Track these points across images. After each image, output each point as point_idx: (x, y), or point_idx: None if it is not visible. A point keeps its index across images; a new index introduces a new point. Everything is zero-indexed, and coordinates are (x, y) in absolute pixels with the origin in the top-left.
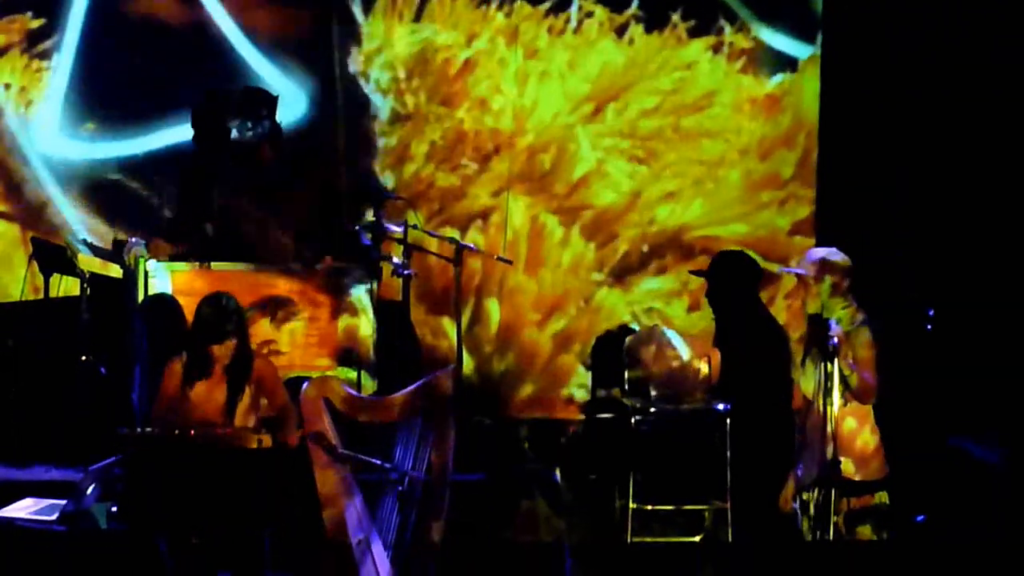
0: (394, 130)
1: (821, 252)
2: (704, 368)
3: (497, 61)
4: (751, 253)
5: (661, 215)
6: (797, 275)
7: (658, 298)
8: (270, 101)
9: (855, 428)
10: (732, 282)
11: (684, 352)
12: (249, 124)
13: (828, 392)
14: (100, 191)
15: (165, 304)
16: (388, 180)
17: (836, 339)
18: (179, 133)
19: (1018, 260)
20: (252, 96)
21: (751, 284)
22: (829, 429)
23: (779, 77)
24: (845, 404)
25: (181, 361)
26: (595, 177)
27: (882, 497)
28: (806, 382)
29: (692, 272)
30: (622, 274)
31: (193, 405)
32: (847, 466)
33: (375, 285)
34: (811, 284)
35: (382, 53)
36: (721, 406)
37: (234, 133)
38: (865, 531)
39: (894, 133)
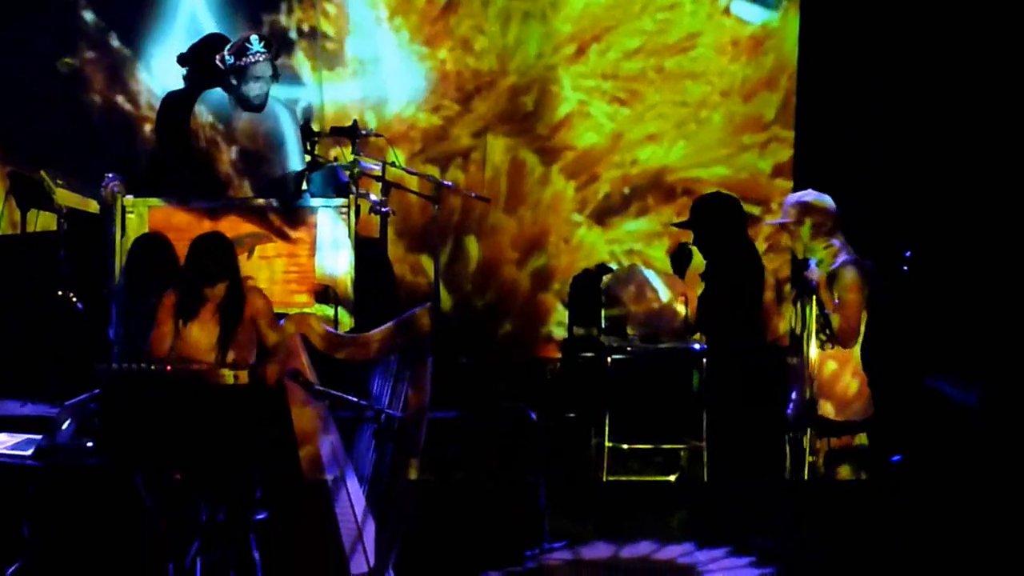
0: (376, 70)
1: (798, 195)
2: (682, 309)
3: (480, 1)
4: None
5: (643, 157)
6: (781, 224)
7: (639, 239)
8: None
9: (836, 370)
10: (717, 225)
11: (664, 293)
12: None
13: (806, 333)
14: None
15: (157, 244)
16: (370, 120)
17: (815, 280)
18: None
19: (996, 201)
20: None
21: (737, 223)
22: (807, 370)
23: (761, 18)
24: (822, 347)
25: (173, 298)
26: (577, 118)
27: (861, 438)
28: (795, 323)
29: (675, 225)
30: (603, 215)
31: (184, 342)
32: (826, 407)
33: (353, 222)
34: (792, 229)
35: None
36: (697, 346)
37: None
38: (844, 471)
39: (874, 75)
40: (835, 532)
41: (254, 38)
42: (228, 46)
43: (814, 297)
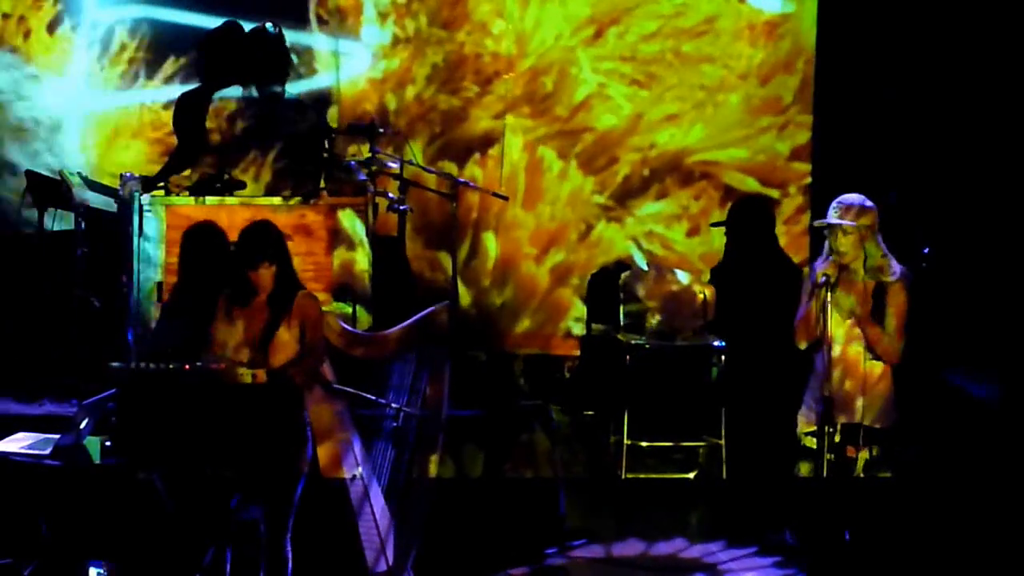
0: (395, 53)
1: (855, 198)
2: (701, 304)
3: None
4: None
5: (661, 139)
6: (838, 226)
7: (659, 222)
8: (278, 40)
9: (860, 352)
10: (753, 228)
11: (684, 277)
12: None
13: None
14: None
15: (210, 232)
16: (389, 103)
17: (826, 275)
18: None
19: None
20: (262, 36)
21: (770, 227)
22: (827, 367)
23: (779, 3)
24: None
25: (227, 291)
26: (596, 100)
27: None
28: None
29: (713, 225)
30: (622, 198)
31: (232, 335)
32: (856, 400)
33: (371, 219)
34: (852, 233)
35: None
36: (717, 343)
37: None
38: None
39: (894, 59)
40: (857, 529)
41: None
42: None
43: (826, 291)
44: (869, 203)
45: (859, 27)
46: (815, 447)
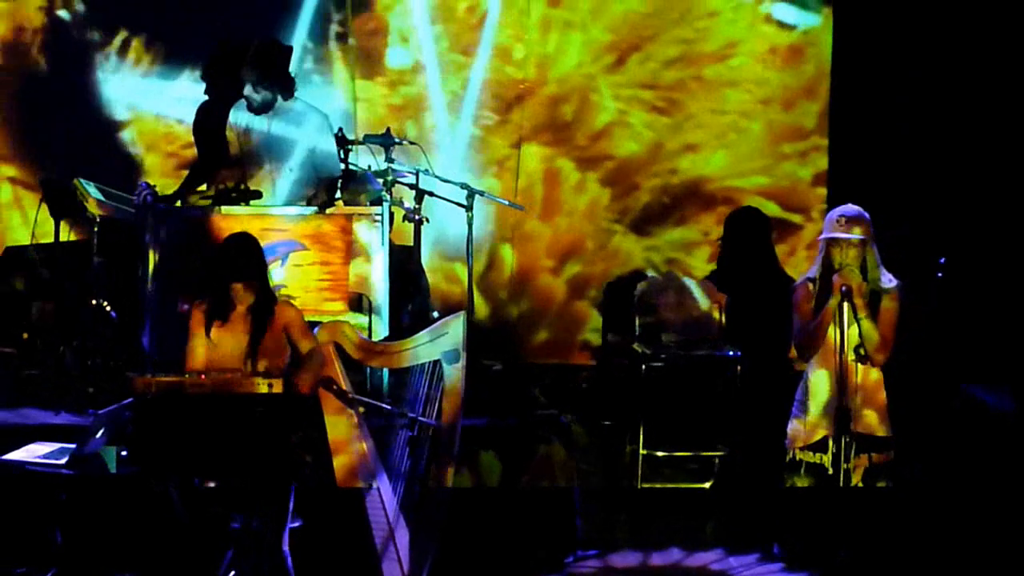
0: (414, 79)
1: (858, 210)
2: (718, 316)
3: (519, 10)
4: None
5: (683, 166)
6: (846, 239)
7: (680, 248)
8: (284, 52)
9: (877, 378)
10: (747, 239)
11: (703, 301)
12: (263, 78)
13: (842, 341)
14: None
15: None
16: (409, 129)
17: (845, 286)
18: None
19: None
20: (266, 49)
21: (761, 236)
22: (845, 378)
23: (802, 27)
24: (860, 362)
25: (203, 307)
26: (617, 127)
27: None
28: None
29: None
30: (643, 224)
31: (215, 350)
32: (871, 417)
33: (387, 230)
34: (858, 245)
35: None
36: (732, 353)
37: (248, 89)
38: (883, 486)
39: (909, 82)
40: (868, 539)
41: None
42: None
43: (843, 301)
44: (864, 213)
45: (874, 49)
46: (813, 460)
